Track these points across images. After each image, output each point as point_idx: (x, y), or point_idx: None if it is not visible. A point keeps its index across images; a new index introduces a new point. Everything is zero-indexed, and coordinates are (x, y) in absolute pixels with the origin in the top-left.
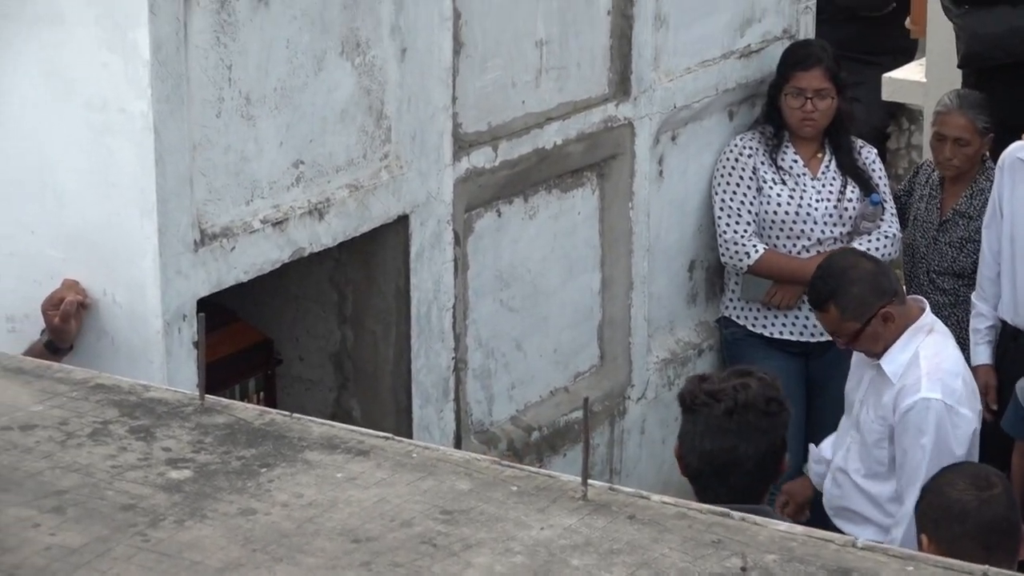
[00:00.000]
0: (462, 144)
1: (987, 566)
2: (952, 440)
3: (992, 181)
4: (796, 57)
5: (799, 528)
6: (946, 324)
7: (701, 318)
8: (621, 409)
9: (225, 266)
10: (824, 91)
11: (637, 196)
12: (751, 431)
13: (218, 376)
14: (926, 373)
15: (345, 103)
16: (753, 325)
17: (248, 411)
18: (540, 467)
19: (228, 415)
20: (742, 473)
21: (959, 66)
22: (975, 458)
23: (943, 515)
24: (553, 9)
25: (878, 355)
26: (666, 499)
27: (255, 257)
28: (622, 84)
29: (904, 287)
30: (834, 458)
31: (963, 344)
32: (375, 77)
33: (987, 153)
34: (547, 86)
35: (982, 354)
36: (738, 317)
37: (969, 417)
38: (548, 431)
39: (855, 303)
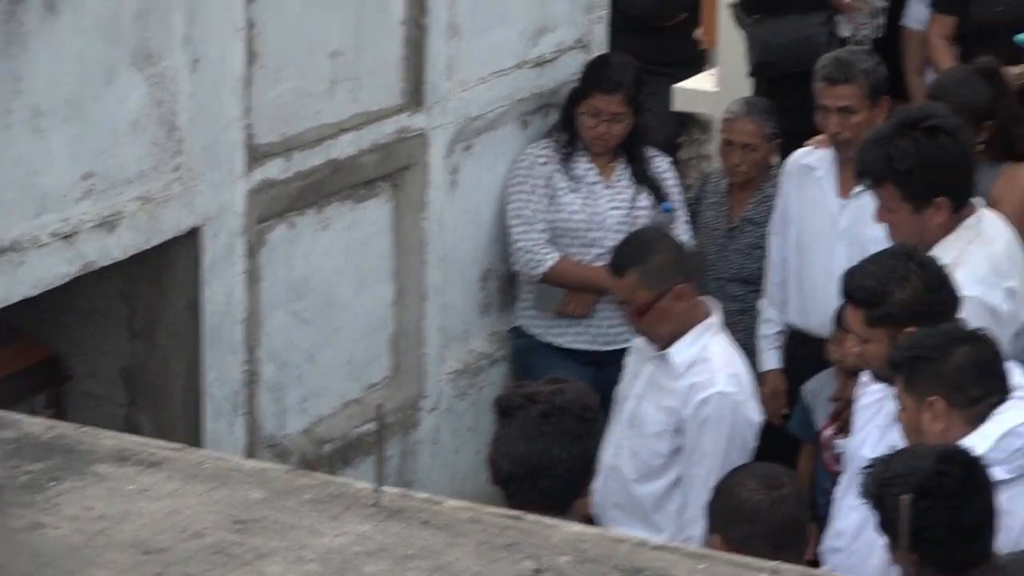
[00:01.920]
0: (255, 155)
1: (777, 563)
2: (746, 434)
3: (777, 187)
4: (599, 77)
5: (592, 529)
6: (734, 330)
7: (495, 328)
8: (414, 420)
9: (12, 281)
10: (621, 115)
11: (430, 206)
12: (566, 436)
13: (4, 394)
14: (720, 368)
15: (136, 114)
16: (545, 334)
17: (36, 425)
18: None
19: (15, 429)
20: (553, 478)
21: (750, 75)
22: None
23: (735, 514)
24: (347, 19)
25: (661, 341)
26: (459, 503)
27: (43, 271)
28: (415, 94)
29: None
30: (605, 456)
31: (752, 350)
32: (167, 88)
33: (775, 160)
34: (341, 97)
35: (771, 359)
36: (530, 327)
37: (758, 411)
38: (341, 443)
39: (655, 272)
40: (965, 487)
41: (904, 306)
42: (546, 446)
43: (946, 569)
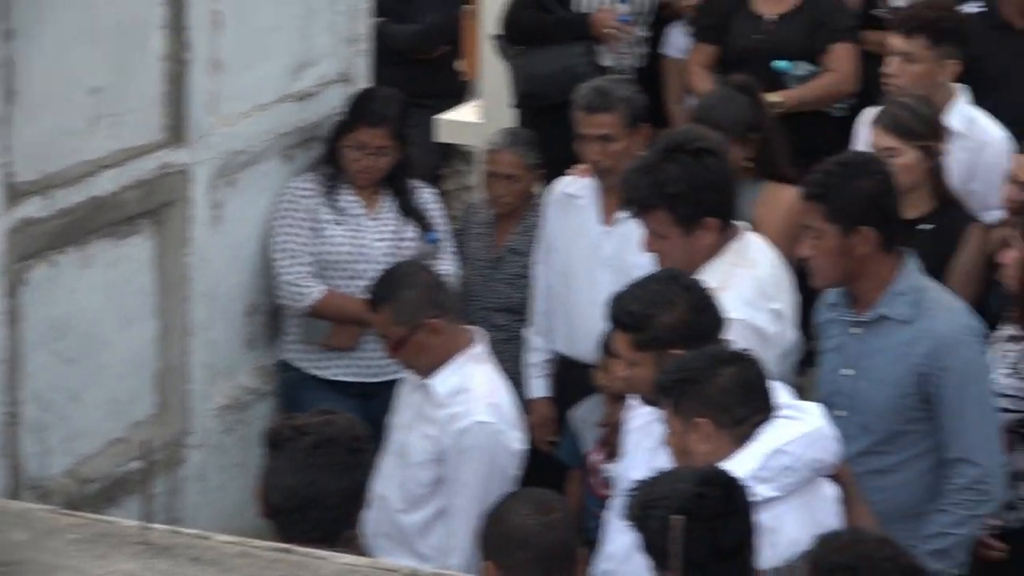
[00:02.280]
0: (14, 194)
1: None
2: (506, 463)
3: (542, 217)
4: (364, 111)
5: (362, 560)
6: (501, 360)
7: (261, 362)
8: (180, 457)
9: None
10: (386, 148)
11: (193, 242)
12: (335, 467)
13: None
14: (480, 398)
15: None
16: (311, 367)
17: None
18: None
19: None
20: (324, 509)
21: (515, 106)
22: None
23: (506, 541)
24: (107, 55)
25: (422, 372)
26: (228, 538)
27: None
28: (177, 130)
29: None
30: (375, 487)
31: (519, 379)
32: None
33: (538, 190)
34: (101, 133)
35: (538, 387)
36: (297, 360)
37: (519, 440)
38: (106, 482)
39: (407, 308)
40: (725, 508)
41: (670, 329)
42: (315, 477)
43: None
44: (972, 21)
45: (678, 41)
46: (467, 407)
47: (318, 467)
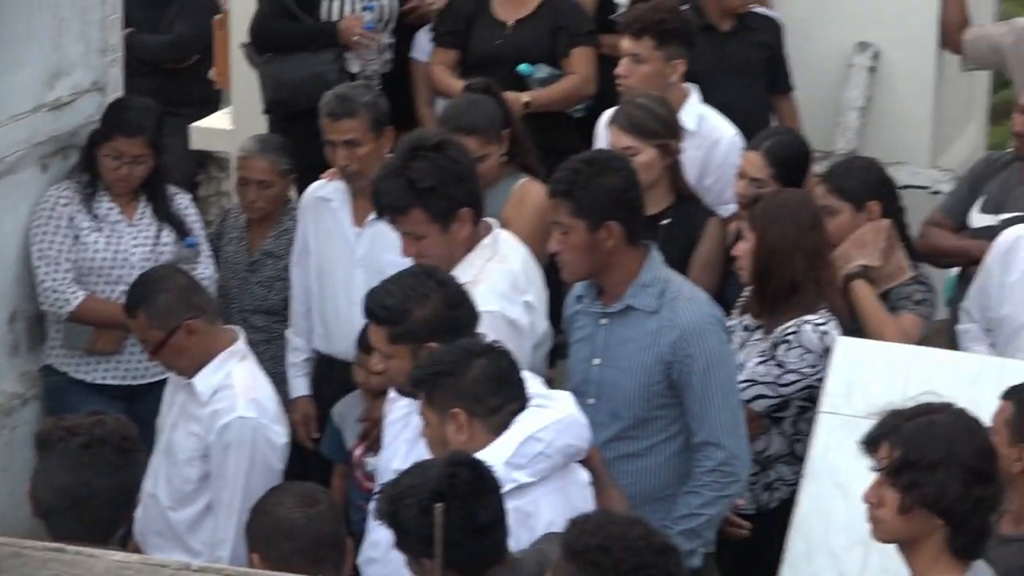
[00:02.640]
0: None
1: None
2: (269, 456)
3: (296, 220)
4: (120, 121)
5: (135, 557)
6: (261, 360)
7: (25, 368)
8: None
9: None
10: (142, 157)
11: None
12: (106, 466)
13: None
14: (241, 394)
15: None
16: (75, 372)
17: None
18: None
19: None
20: (96, 508)
21: (265, 112)
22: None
23: (273, 533)
24: None
25: (184, 372)
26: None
27: None
28: None
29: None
30: (145, 485)
31: (280, 379)
32: None
33: (291, 194)
34: None
35: (300, 386)
36: (61, 365)
37: (282, 433)
38: None
39: (161, 312)
40: (475, 487)
41: (424, 323)
42: (87, 477)
43: (467, 570)
44: None
45: (425, 45)
46: (229, 403)
47: (89, 467)
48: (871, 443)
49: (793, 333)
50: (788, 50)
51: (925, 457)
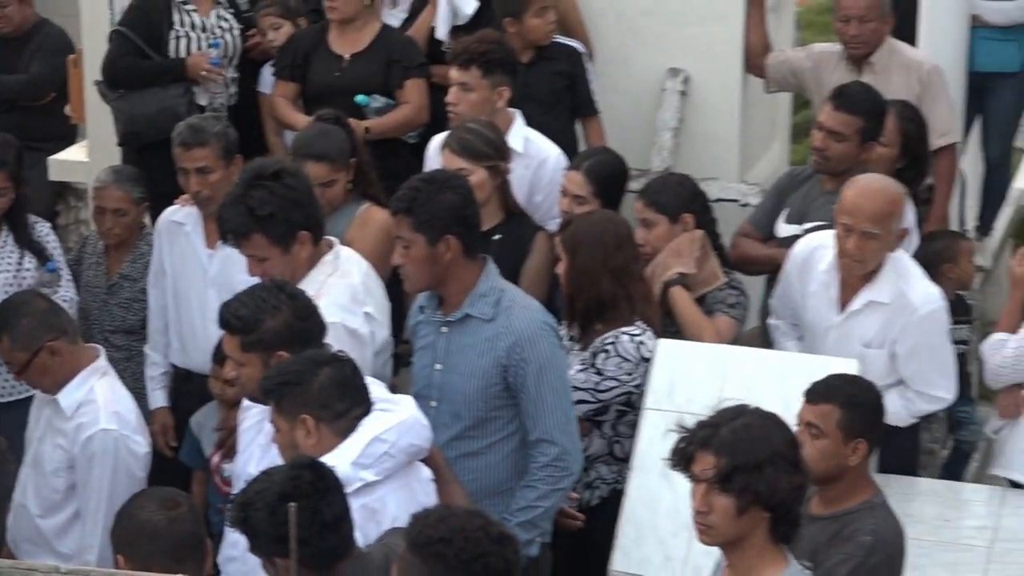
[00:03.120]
0: None
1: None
2: (131, 465)
3: (151, 245)
4: None
5: (6, 562)
6: (122, 376)
7: None
8: None
9: None
10: (4, 190)
11: None
12: None
13: None
14: (103, 408)
15: None
16: None
17: None
18: None
19: None
20: None
21: (119, 144)
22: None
23: (136, 535)
24: None
25: (49, 389)
26: None
27: None
28: None
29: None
30: (15, 495)
31: (141, 393)
32: None
33: (145, 220)
34: None
35: (159, 398)
36: None
37: (143, 443)
38: None
39: (23, 335)
40: (318, 487)
41: (275, 332)
42: None
43: (316, 565)
44: None
45: (269, 79)
46: (92, 417)
47: None
48: (685, 457)
49: (611, 343)
50: (606, 76)
51: (752, 459)
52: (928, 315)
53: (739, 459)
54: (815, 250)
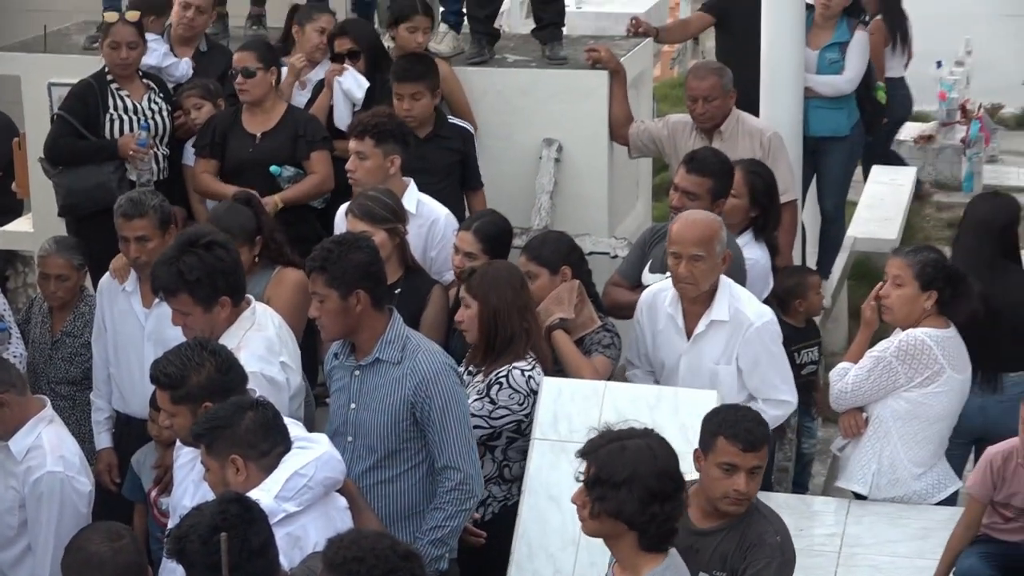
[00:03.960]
0: None
1: None
2: (76, 502)
3: (90, 305)
4: None
5: None
6: (68, 422)
7: None
8: None
9: None
10: None
11: None
12: None
13: None
14: (49, 452)
15: None
16: None
17: None
18: None
19: None
20: None
21: (60, 215)
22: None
23: (85, 565)
24: None
25: (1, 437)
26: None
27: None
28: None
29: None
30: None
31: (81, 437)
32: None
33: (85, 283)
34: None
35: (104, 440)
36: None
37: (86, 483)
38: None
39: None
40: (244, 518)
41: (200, 386)
42: None
43: None
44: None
45: (192, 155)
46: (39, 461)
47: None
48: (581, 455)
49: (504, 376)
50: (489, 147)
51: (612, 477)
52: (763, 327)
53: (602, 473)
54: (656, 295)
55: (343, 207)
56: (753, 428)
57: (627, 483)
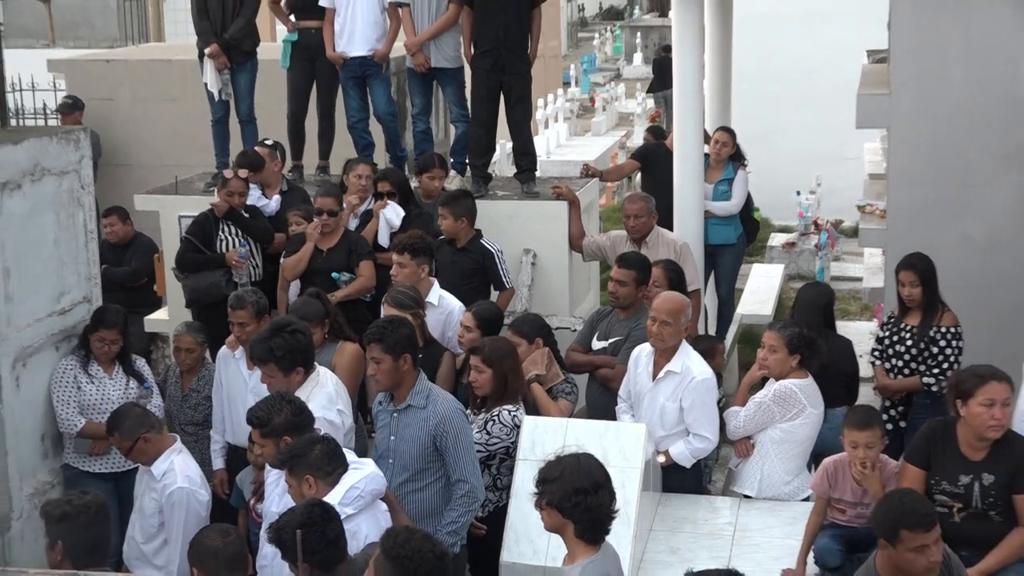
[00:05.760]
0: None
1: None
2: (198, 509)
3: (210, 370)
4: (102, 319)
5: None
6: (193, 452)
7: (51, 466)
8: (8, 526)
9: None
10: (117, 340)
11: (4, 402)
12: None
13: None
14: (179, 473)
15: None
16: (83, 466)
17: None
18: None
19: None
20: (84, 547)
21: (186, 307)
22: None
23: (205, 554)
24: None
25: (146, 463)
26: (39, 570)
27: None
28: None
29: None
30: (129, 531)
31: (203, 464)
32: None
33: (206, 355)
34: None
35: (219, 463)
36: (73, 462)
37: (205, 495)
38: None
39: (127, 431)
40: (324, 517)
41: (281, 425)
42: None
43: (326, 567)
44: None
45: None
46: (172, 479)
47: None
48: (539, 472)
49: (497, 415)
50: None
51: (548, 475)
52: (702, 381)
53: (542, 474)
54: (641, 350)
55: (385, 296)
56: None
57: (557, 479)
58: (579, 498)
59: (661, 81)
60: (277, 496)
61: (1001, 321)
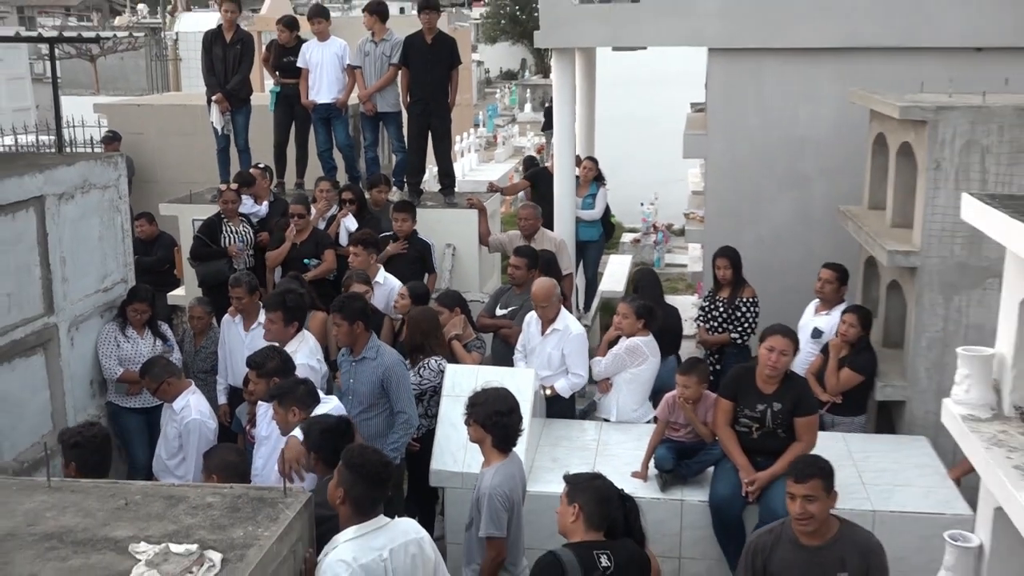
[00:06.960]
0: None
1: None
2: (208, 434)
3: (216, 333)
4: (136, 295)
5: (151, 483)
6: (204, 392)
7: (99, 403)
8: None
9: None
10: (147, 311)
11: (62, 357)
12: (105, 447)
13: None
14: (193, 408)
15: None
16: (122, 402)
17: None
18: None
19: None
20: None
21: (199, 286)
22: (215, 441)
23: (220, 464)
24: (12, 270)
25: (169, 401)
26: (91, 482)
27: None
28: (50, 307)
29: None
30: (157, 450)
31: (213, 399)
32: None
33: (213, 321)
34: (14, 311)
35: (222, 400)
36: (114, 400)
37: (212, 425)
38: (30, 461)
39: (155, 375)
40: (339, 428)
41: (272, 369)
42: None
43: (331, 463)
44: None
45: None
46: (188, 413)
47: (96, 451)
48: (468, 399)
49: (424, 363)
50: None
51: (476, 400)
52: (577, 335)
53: (472, 399)
54: (531, 315)
55: (345, 277)
56: (803, 468)
57: (483, 403)
58: (497, 417)
59: (549, 123)
60: (266, 423)
61: (785, 295)
